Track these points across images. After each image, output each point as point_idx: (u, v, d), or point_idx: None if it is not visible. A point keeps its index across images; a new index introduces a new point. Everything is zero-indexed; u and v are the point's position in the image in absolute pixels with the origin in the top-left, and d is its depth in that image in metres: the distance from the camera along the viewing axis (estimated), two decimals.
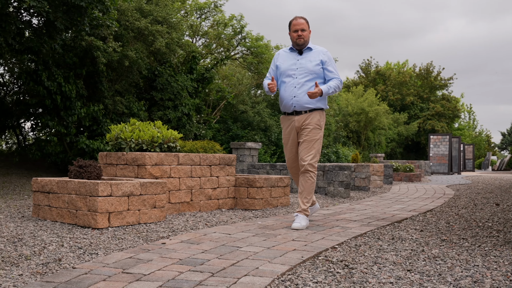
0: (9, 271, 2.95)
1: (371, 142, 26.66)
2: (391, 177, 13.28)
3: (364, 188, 10.10)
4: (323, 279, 2.89)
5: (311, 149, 4.68)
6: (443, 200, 8.01)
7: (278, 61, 4.89)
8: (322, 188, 8.71)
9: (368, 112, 24.32)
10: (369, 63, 38.76)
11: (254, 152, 10.54)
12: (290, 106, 4.74)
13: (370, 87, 34.31)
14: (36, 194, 5.21)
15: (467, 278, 2.91)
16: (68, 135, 10.21)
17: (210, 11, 14.72)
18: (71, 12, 7.89)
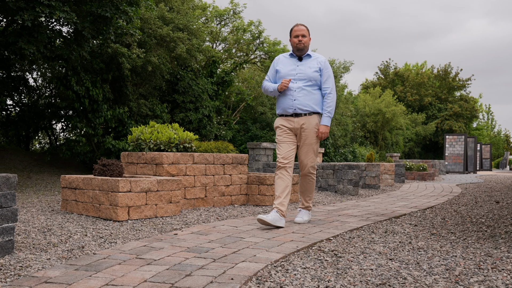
0: (39, 255, 3.31)
1: (388, 142, 26.69)
2: (403, 176, 13.43)
3: (374, 186, 10.31)
4: (311, 265, 3.18)
5: (311, 153, 4.83)
6: (447, 198, 8.18)
7: (278, 66, 4.94)
8: (332, 186, 8.97)
9: (385, 113, 24.38)
10: (388, 65, 38.68)
11: (269, 152, 10.83)
12: (289, 108, 4.79)
13: (389, 88, 34.28)
14: (64, 190, 5.61)
15: (441, 266, 3.17)
16: (95, 136, 10.65)
17: (229, 18, 15.06)
18: (97, 22, 8.31)
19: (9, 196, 3.22)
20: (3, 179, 3.19)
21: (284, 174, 4.74)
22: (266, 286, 2.68)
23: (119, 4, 8.08)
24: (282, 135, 4.86)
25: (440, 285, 2.70)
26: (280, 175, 4.76)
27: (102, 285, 2.62)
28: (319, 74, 4.82)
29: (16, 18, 7.25)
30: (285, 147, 4.81)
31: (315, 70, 4.80)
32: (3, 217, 3.17)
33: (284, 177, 4.73)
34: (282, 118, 4.91)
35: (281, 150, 4.83)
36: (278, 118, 4.96)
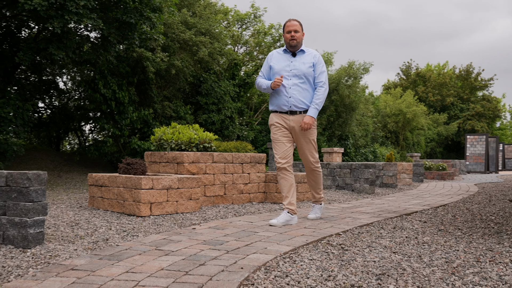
0: (67, 246, 3.54)
1: (409, 142, 26.53)
2: (422, 175, 13.42)
3: (392, 185, 10.37)
4: (318, 257, 3.34)
5: (311, 149, 4.82)
6: (462, 197, 8.21)
7: (272, 62, 4.83)
8: (349, 185, 9.07)
9: (405, 113, 24.25)
10: (410, 65, 38.37)
11: None
12: (285, 105, 4.71)
13: (410, 89, 34.04)
14: (91, 187, 5.87)
15: (441, 259, 3.29)
16: (122, 136, 10.96)
17: (250, 22, 15.25)
18: (123, 28, 8.59)
19: (39, 191, 3.46)
20: (34, 175, 3.43)
21: (286, 174, 4.76)
22: (273, 274, 2.85)
23: (143, 11, 8.34)
24: (277, 134, 4.79)
25: (436, 276, 2.83)
26: (282, 176, 4.78)
27: (123, 272, 2.82)
28: (313, 69, 4.72)
29: (47, 26, 7.57)
30: (281, 147, 4.77)
31: (309, 65, 4.70)
32: (34, 211, 3.41)
33: (287, 177, 4.76)
34: (276, 115, 4.82)
35: (278, 150, 4.79)
36: (272, 114, 4.86)
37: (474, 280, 2.72)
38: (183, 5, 12.29)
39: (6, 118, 8.36)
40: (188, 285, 2.56)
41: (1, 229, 3.48)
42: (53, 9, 7.43)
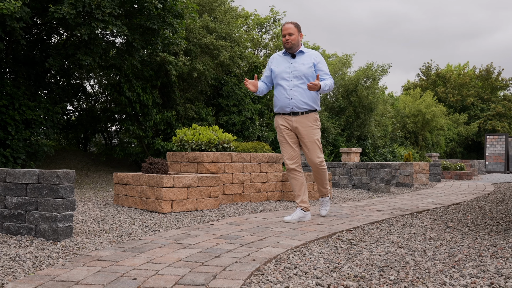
0: (93, 239, 3.75)
1: (428, 142, 26.33)
2: (439, 175, 13.39)
3: (408, 185, 10.41)
4: (327, 251, 3.48)
5: (316, 149, 4.80)
6: (476, 196, 8.23)
7: (273, 65, 4.86)
8: (365, 184, 9.16)
9: (425, 114, 24.09)
10: (429, 66, 38.05)
11: None
12: (287, 107, 4.73)
13: (430, 89, 33.73)
14: (116, 185, 6.11)
15: (444, 254, 3.40)
16: (146, 137, 11.22)
17: (270, 25, 15.40)
18: (146, 34, 8.83)
19: (68, 188, 3.68)
20: (63, 174, 3.65)
21: (296, 174, 4.86)
22: (283, 266, 3.00)
23: (165, 17, 8.57)
24: (283, 136, 4.85)
25: (437, 268, 2.95)
26: (292, 176, 4.88)
27: (144, 262, 3.01)
28: (313, 69, 4.72)
29: (75, 33, 7.85)
30: (288, 149, 4.85)
31: (309, 66, 4.69)
32: (63, 206, 3.63)
33: (297, 177, 4.86)
34: (280, 117, 4.86)
35: (285, 152, 4.88)
36: (276, 117, 4.91)
37: (472, 273, 2.83)
38: (204, 11, 12.51)
39: (37, 120, 8.68)
40: (203, 274, 2.73)
41: (33, 223, 3.71)
42: (80, 17, 7.70)
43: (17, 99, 8.39)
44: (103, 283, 2.53)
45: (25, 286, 2.46)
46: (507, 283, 2.59)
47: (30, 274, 2.72)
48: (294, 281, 2.64)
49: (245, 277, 2.69)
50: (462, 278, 2.70)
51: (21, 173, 3.78)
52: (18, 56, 9.18)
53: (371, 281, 2.65)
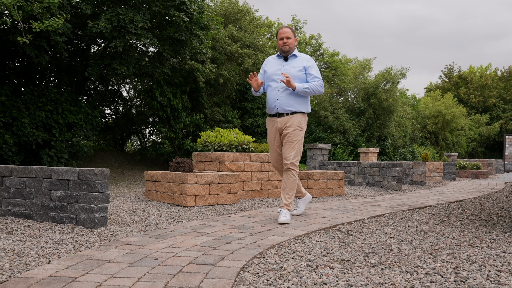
0: (124, 228, 4.20)
1: (449, 142, 26.18)
2: (453, 174, 13.48)
3: (421, 183, 10.60)
4: (324, 239, 3.83)
5: (293, 150, 4.67)
6: (483, 194, 8.40)
7: (266, 67, 4.86)
8: (378, 182, 9.42)
9: (445, 115, 24.00)
10: (452, 68, 37.63)
11: (325, 152, 11.40)
12: (273, 108, 4.71)
13: (452, 91, 33.42)
14: (147, 182, 6.58)
15: (428, 243, 3.70)
16: (176, 139, 11.73)
17: None
18: (175, 44, 9.31)
19: (103, 184, 4.14)
20: (99, 171, 4.11)
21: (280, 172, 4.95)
22: (283, 251, 3.37)
23: (192, 29, 9.03)
24: (271, 138, 4.85)
25: (416, 255, 3.27)
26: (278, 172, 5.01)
27: (165, 247, 3.43)
28: (304, 73, 4.70)
29: (111, 45, 8.38)
30: (273, 153, 4.89)
31: (299, 69, 4.68)
32: (99, 199, 4.10)
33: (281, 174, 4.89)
34: (269, 118, 4.85)
35: (270, 155, 4.94)
36: (267, 118, 4.87)
37: (444, 258, 3.14)
38: (230, 21, 12.95)
39: (78, 123, 9.27)
40: (213, 256, 3.13)
41: (74, 213, 4.19)
42: (116, 30, 8.23)
43: (60, 104, 8.98)
44: (130, 262, 2.95)
45: (67, 263, 2.90)
46: (470, 267, 2.90)
47: (71, 254, 3.17)
48: (289, 263, 3.01)
49: (248, 259, 3.08)
50: (433, 263, 3.02)
51: (64, 170, 4.26)
52: (61, 66, 9.79)
53: (354, 264, 3.00)
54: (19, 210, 4.55)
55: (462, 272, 2.77)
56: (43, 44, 7.84)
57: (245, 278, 2.64)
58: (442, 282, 2.57)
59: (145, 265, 2.88)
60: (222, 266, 2.87)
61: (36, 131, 8.51)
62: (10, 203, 4.62)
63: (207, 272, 2.73)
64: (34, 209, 4.45)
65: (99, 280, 2.55)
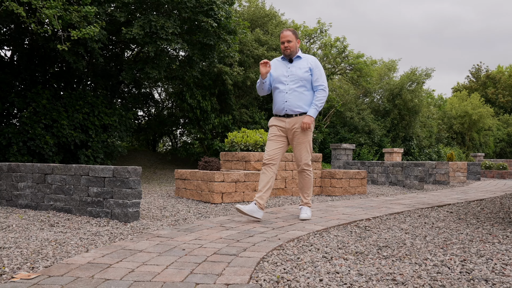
0: (155, 222, 4.43)
1: (475, 142, 25.72)
2: (478, 174, 13.32)
3: (444, 183, 10.55)
4: (342, 234, 3.97)
5: (303, 150, 4.70)
6: (505, 193, 8.33)
7: (271, 69, 4.82)
8: (400, 181, 9.44)
9: (471, 115, 23.61)
10: (479, 68, 36.90)
11: (349, 152, 11.46)
12: (282, 109, 4.69)
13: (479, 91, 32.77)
14: (177, 180, 6.82)
15: (441, 239, 3.80)
16: (205, 139, 11.99)
17: (317, 36, 15.82)
18: (204, 49, 9.56)
19: (136, 181, 4.38)
20: (132, 169, 4.35)
21: (267, 171, 4.66)
22: (301, 244, 3.53)
23: (220, 34, 9.26)
24: (272, 134, 4.76)
25: (427, 249, 3.38)
26: (264, 171, 4.68)
27: (192, 239, 3.63)
28: (310, 74, 4.68)
29: (144, 50, 8.68)
30: (272, 146, 4.71)
31: (305, 70, 4.66)
32: (132, 195, 4.34)
33: (267, 173, 4.66)
34: (275, 118, 4.81)
35: (268, 148, 4.72)
36: (272, 117, 4.85)
37: (454, 252, 3.24)
38: (256, 25, 13.14)
39: (113, 125, 9.62)
40: (236, 248, 3.31)
41: (109, 208, 4.45)
42: (148, 36, 8.52)
43: (96, 107, 9.34)
44: (159, 252, 3.17)
45: (103, 252, 3.14)
46: (478, 260, 2.99)
47: (106, 244, 3.41)
48: (306, 254, 3.17)
49: (268, 250, 3.25)
50: (442, 256, 3.13)
51: (100, 168, 4.53)
52: (97, 70, 10.18)
53: (367, 256, 3.14)
54: (60, 205, 4.85)
55: (469, 264, 2.88)
56: (80, 51, 8.19)
57: (264, 267, 2.81)
58: (448, 273, 2.68)
59: (173, 254, 3.09)
60: (244, 257, 3.05)
61: (74, 132, 8.89)
62: (51, 198, 4.92)
63: (229, 262, 2.91)
64: (73, 204, 4.74)
65: (132, 267, 2.76)
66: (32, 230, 3.93)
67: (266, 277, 2.58)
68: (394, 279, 2.55)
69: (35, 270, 2.66)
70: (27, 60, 9.28)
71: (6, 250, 3.14)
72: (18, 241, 3.46)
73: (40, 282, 2.42)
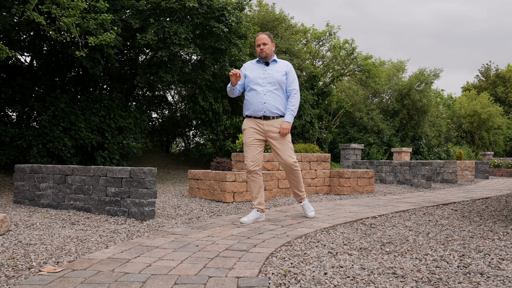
0: (170, 220, 4.59)
1: (485, 141, 25.57)
2: (486, 172, 13.31)
3: (451, 181, 10.59)
4: (348, 231, 4.09)
5: (288, 149, 4.69)
6: (511, 191, 8.36)
7: (246, 71, 4.78)
8: (408, 180, 9.51)
9: (480, 114, 23.50)
10: (489, 67, 36.63)
11: (358, 151, 11.55)
12: (260, 110, 4.63)
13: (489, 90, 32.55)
14: (190, 180, 6.99)
15: (443, 236, 3.90)
16: (217, 140, 12.15)
17: (326, 38, 15.91)
18: (216, 53, 9.72)
19: (151, 181, 4.54)
20: (148, 170, 4.52)
21: (255, 177, 4.68)
22: (308, 240, 3.66)
23: (231, 39, 9.41)
24: (250, 138, 4.69)
25: (429, 245, 3.49)
26: (252, 178, 4.69)
27: (205, 236, 3.78)
28: (286, 77, 4.70)
29: (157, 55, 8.87)
30: (253, 151, 4.67)
31: (282, 74, 4.68)
32: (148, 195, 4.50)
33: (256, 179, 4.69)
34: (251, 120, 4.71)
35: (249, 154, 4.68)
36: (246, 119, 4.74)
37: (454, 248, 3.35)
38: (267, 28, 13.27)
39: (128, 127, 9.82)
40: (246, 244, 3.45)
41: (126, 207, 4.62)
42: (161, 42, 8.71)
43: (112, 110, 9.56)
44: (174, 248, 3.32)
45: (122, 248, 3.30)
46: (476, 255, 3.10)
47: (124, 241, 3.57)
48: (312, 250, 3.30)
49: (276, 246, 3.39)
50: (442, 251, 3.24)
51: (118, 170, 4.70)
52: (112, 75, 10.39)
53: (371, 251, 3.26)
54: (80, 204, 5.04)
55: (467, 259, 2.99)
56: (97, 56, 8.41)
57: (272, 262, 2.95)
58: (446, 267, 2.80)
59: (187, 250, 3.24)
60: (254, 252, 3.20)
61: (91, 134, 9.11)
62: (72, 198, 5.11)
63: (240, 257, 3.06)
64: (92, 203, 4.92)
65: (149, 261, 2.92)
66: (55, 228, 4.12)
67: (274, 270, 2.71)
68: (395, 272, 2.67)
69: (60, 265, 2.83)
70: (46, 66, 9.53)
71: (32, 246, 3.32)
72: (42, 238, 3.65)
73: (65, 275, 2.59)
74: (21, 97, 8.96)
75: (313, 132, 14.83)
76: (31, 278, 2.52)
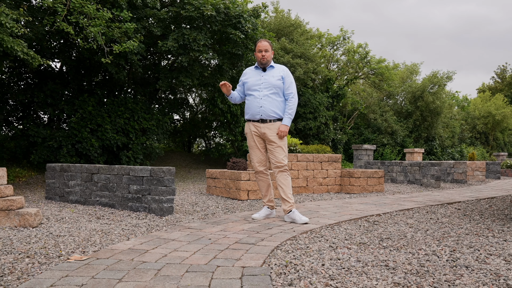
0: (187, 216, 4.82)
1: (500, 142, 25.24)
2: (498, 173, 13.23)
3: (461, 181, 10.59)
4: (351, 227, 4.25)
5: (281, 153, 4.68)
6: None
7: (245, 77, 4.87)
8: (418, 180, 9.58)
9: (495, 115, 23.22)
10: (505, 69, 36.04)
11: (370, 152, 11.63)
12: (257, 114, 4.68)
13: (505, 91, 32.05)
14: (208, 179, 7.22)
15: (441, 232, 4.03)
16: (236, 141, 12.38)
17: (340, 43, 15.99)
18: (233, 58, 9.94)
19: (170, 180, 4.78)
20: (167, 169, 4.75)
21: (263, 176, 4.82)
22: (313, 235, 3.84)
23: (248, 44, 9.61)
24: (253, 142, 4.77)
25: (425, 241, 3.63)
26: (260, 178, 4.83)
27: (218, 230, 3.99)
28: (282, 82, 4.73)
29: (178, 60, 9.13)
30: (258, 153, 4.77)
31: (277, 78, 4.71)
32: (167, 192, 4.74)
33: (264, 179, 4.82)
34: (250, 123, 4.78)
35: (254, 156, 4.79)
36: (246, 123, 4.83)
37: (448, 244, 3.49)
38: (282, 34, 13.45)
39: (151, 128, 10.12)
40: (255, 238, 3.65)
41: (147, 204, 4.86)
42: (181, 48, 8.97)
43: (136, 112, 9.87)
44: (189, 241, 3.54)
45: (141, 240, 3.54)
46: (466, 251, 3.24)
47: (144, 234, 3.81)
48: (315, 244, 3.48)
49: (282, 240, 3.58)
50: (436, 247, 3.38)
51: (139, 169, 4.95)
52: (136, 79, 10.71)
53: (369, 246, 3.42)
54: (105, 200, 5.31)
55: (457, 254, 3.13)
56: (121, 62, 8.71)
57: (276, 254, 3.14)
58: (436, 261, 2.95)
59: (201, 243, 3.45)
60: (261, 245, 3.39)
61: (116, 135, 9.43)
62: (97, 195, 5.39)
63: (247, 249, 3.25)
64: (116, 200, 5.19)
65: (165, 252, 3.14)
66: (82, 221, 4.39)
67: (277, 262, 2.91)
68: (387, 265, 2.84)
69: (86, 254, 3.08)
70: (74, 71, 9.89)
71: (61, 238, 3.59)
72: (71, 230, 3.91)
73: (90, 263, 2.83)
74: (52, 100, 9.33)
75: (328, 133, 14.94)
76: (60, 265, 2.77)
